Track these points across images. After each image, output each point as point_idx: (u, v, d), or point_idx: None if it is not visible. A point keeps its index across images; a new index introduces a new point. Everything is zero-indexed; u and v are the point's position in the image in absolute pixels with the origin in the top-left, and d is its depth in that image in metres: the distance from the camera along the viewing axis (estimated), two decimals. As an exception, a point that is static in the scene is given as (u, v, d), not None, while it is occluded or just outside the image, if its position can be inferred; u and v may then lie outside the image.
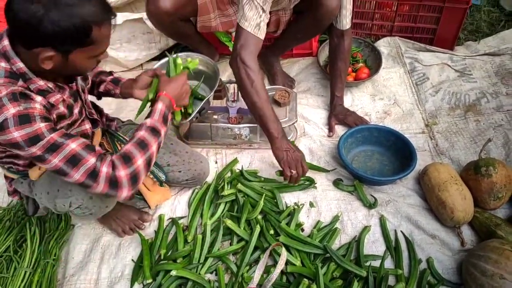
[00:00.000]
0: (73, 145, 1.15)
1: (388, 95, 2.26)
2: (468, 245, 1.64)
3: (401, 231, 1.70)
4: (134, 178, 1.21)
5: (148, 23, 2.15)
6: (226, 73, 2.44)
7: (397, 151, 1.93)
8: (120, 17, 2.20)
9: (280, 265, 1.45)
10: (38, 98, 1.15)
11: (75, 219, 1.81)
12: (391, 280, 1.54)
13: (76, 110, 1.34)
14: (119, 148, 1.63)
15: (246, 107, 1.87)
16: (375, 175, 1.87)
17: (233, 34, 2.29)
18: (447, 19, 2.33)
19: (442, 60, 2.38)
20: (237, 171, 1.92)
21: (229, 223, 1.67)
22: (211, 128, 1.99)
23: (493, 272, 1.38)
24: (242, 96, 1.68)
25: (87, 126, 1.44)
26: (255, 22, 1.54)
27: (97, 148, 1.22)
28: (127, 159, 1.21)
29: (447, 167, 1.78)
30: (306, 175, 1.76)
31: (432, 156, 1.97)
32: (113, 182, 1.18)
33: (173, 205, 1.83)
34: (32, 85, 1.16)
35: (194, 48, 2.27)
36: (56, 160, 1.13)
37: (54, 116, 1.22)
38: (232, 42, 2.33)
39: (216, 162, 2.00)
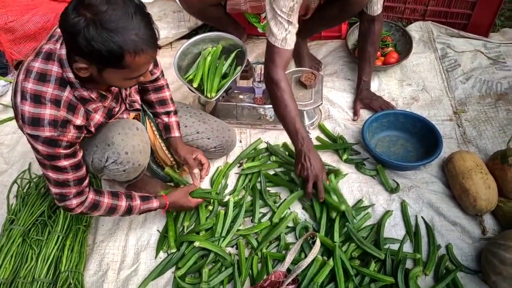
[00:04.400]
0: (70, 176, 1.35)
1: (416, 80, 2.23)
2: (490, 234, 1.63)
3: (422, 217, 1.70)
4: (82, 215, 1.52)
5: (179, 1, 2.19)
6: (253, 54, 2.45)
7: (422, 138, 1.92)
8: (152, -5, 2.24)
9: (313, 254, 1.49)
10: (78, 121, 1.29)
11: (105, 186, 1.90)
12: (409, 264, 1.55)
13: (116, 109, 1.48)
14: (147, 126, 1.71)
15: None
16: (399, 160, 1.87)
17: (262, 15, 2.30)
18: (484, 5, 2.25)
19: (476, 46, 2.31)
20: (261, 147, 1.97)
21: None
22: (236, 108, 2.02)
23: (513, 261, 1.38)
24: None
25: (125, 116, 1.56)
26: (281, 37, 1.56)
27: (85, 182, 1.41)
28: (93, 207, 1.46)
29: (473, 155, 1.75)
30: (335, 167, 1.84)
31: (459, 144, 1.94)
32: (69, 209, 1.42)
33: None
34: (77, 93, 1.27)
35: (222, 29, 2.29)
36: (51, 175, 1.33)
37: (93, 128, 1.38)
38: (261, 23, 2.34)
39: (240, 141, 2.04)
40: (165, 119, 1.70)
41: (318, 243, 1.47)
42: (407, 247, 1.62)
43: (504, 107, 2.05)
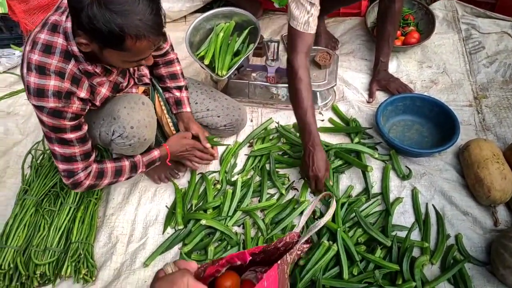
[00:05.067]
0: (77, 150, 1.37)
1: (437, 63, 2.14)
2: (502, 226, 1.59)
3: (433, 205, 1.67)
4: (91, 188, 1.49)
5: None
6: (269, 30, 2.39)
7: (439, 123, 1.86)
8: (166, -33, 2.18)
9: (329, 214, 1.45)
10: (82, 94, 1.29)
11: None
12: (416, 253, 1.54)
13: (124, 84, 1.47)
14: (156, 101, 1.70)
15: (285, 67, 1.86)
16: (413, 146, 1.82)
17: (279, -13, 2.22)
18: (515, -17, 2.12)
19: (502, 28, 2.19)
20: (272, 127, 1.94)
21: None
22: (248, 86, 1.99)
23: (524, 255, 1.35)
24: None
25: (134, 90, 1.56)
26: (303, 20, 1.50)
27: (92, 157, 1.44)
28: (99, 175, 1.48)
29: (491, 144, 1.69)
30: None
31: (477, 131, 1.88)
32: (77, 184, 1.44)
33: (207, 159, 1.89)
34: (81, 66, 1.26)
35: (237, 3, 2.22)
36: (58, 149, 1.35)
37: (98, 103, 1.39)
38: (277, -2, 2.26)
39: (251, 120, 2.01)
40: (177, 93, 1.69)
41: (334, 203, 1.43)
42: (415, 236, 1.60)
43: (528, 94, 1.96)
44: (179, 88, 1.69)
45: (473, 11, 2.26)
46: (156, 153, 1.60)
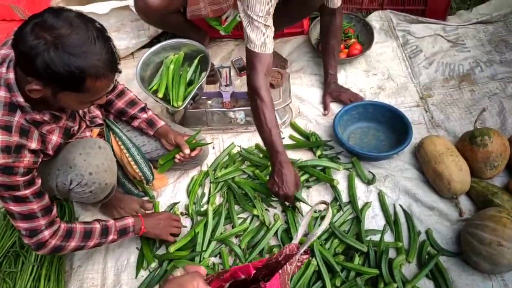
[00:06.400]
0: (35, 206, 1.27)
1: (381, 70, 2.25)
2: (466, 215, 1.66)
3: (400, 205, 1.72)
4: (56, 251, 1.37)
5: (136, 12, 2.12)
6: (218, 57, 2.42)
7: (393, 126, 1.94)
8: (106, 6, 2.17)
9: (326, 223, 1.36)
10: (33, 145, 1.22)
11: (77, 208, 1.82)
12: (391, 253, 1.57)
13: (75, 128, 1.43)
14: (113, 141, 1.65)
15: (239, 91, 1.88)
16: (372, 151, 1.89)
17: (223, 18, 2.26)
18: (438, -11, 2.30)
19: (435, 31, 2.36)
20: (235, 152, 1.94)
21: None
22: (206, 114, 1.98)
23: (490, 240, 1.41)
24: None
25: (87, 134, 1.52)
26: (260, 42, 1.53)
27: (54, 211, 1.34)
28: (67, 235, 1.37)
29: (443, 139, 1.79)
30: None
31: (428, 129, 1.97)
32: (42, 244, 1.32)
33: (173, 192, 1.85)
34: (28, 116, 1.21)
35: (184, 36, 2.24)
36: (14, 208, 1.26)
37: (51, 151, 1.33)
38: (222, 26, 2.30)
39: (213, 148, 2.00)
40: (144, 115, 1.68)
41: (330, 211, 1.41)
42: (389, 237, 1.64)
43: (467, 88, 2.10)
44: (143, 110, 1.68)
45: (406, 18, 2.42)
46: (130, 220, 1.51)
